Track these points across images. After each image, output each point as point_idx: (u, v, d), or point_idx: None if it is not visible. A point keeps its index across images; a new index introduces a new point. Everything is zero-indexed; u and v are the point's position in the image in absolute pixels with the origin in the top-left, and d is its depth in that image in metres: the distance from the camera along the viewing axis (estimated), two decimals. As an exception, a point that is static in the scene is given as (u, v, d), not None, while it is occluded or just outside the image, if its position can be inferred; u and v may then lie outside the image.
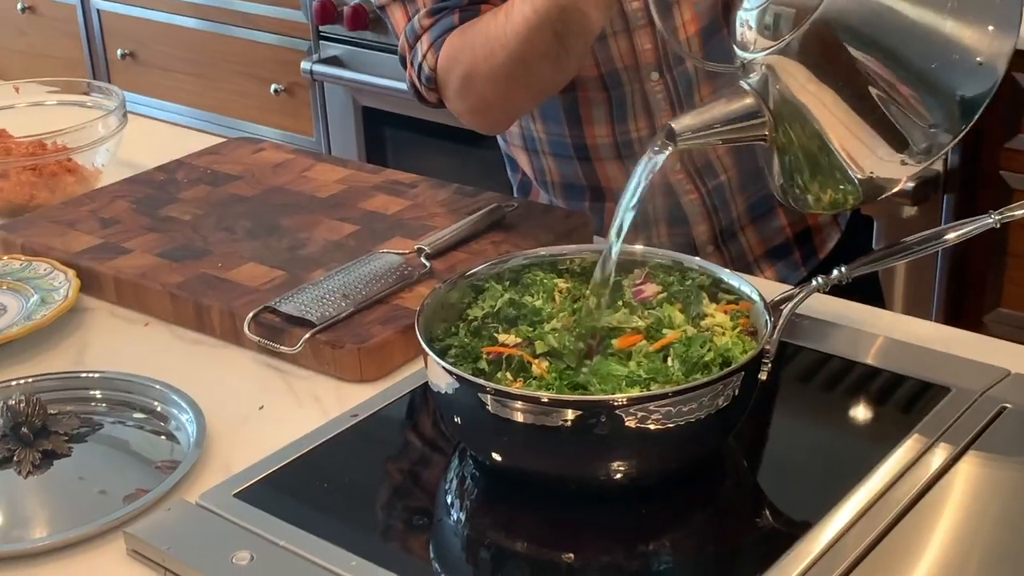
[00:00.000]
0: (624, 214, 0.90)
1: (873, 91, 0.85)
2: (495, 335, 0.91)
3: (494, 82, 1.14)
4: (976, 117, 0.85)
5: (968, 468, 0.87)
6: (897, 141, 0.87)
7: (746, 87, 0.90)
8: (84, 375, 1.02)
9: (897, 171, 0.89)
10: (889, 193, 0.89)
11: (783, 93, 0.88)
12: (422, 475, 0.94)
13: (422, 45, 1.19)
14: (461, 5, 1.18)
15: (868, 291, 1.25)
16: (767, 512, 0.87)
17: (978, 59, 0.84)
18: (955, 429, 0.90)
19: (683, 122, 0.90)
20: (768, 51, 0.87)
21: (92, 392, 1.00)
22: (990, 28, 0.84)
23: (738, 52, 0.92)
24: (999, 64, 0.84)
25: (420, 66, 1.20)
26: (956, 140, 0.86)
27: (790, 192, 0.94)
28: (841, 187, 0.91)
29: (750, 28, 0.90)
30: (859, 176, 0.89)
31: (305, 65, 2.67)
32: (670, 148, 0.90)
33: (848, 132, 0.87)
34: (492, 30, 1.12)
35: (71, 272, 1.16)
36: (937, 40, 0.84)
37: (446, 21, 1.18)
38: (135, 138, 1.50)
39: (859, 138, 0.87)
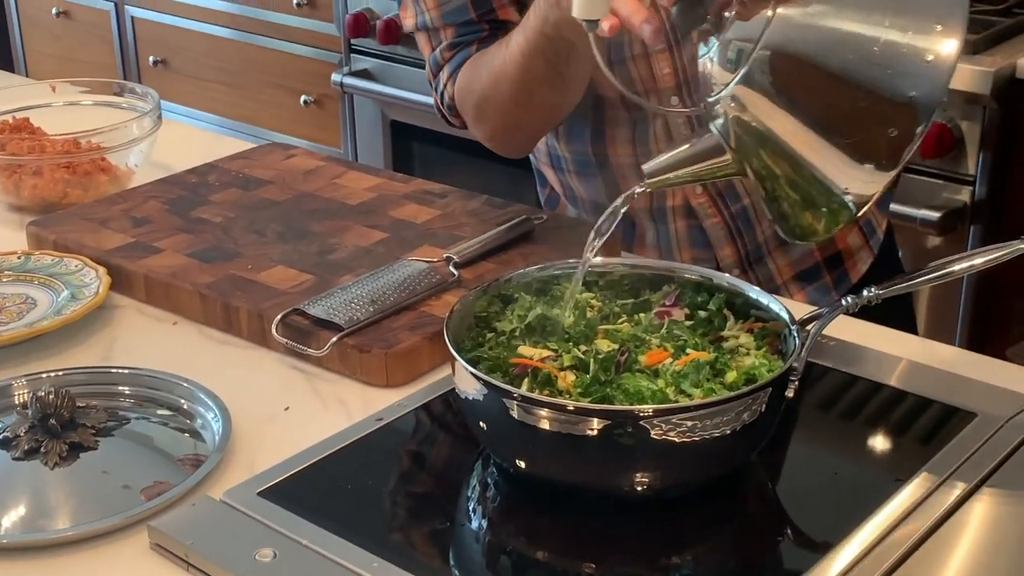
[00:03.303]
0: (593, 242, 0.95)
1: (832, 107, 0.87)
2: (518, 348, 0.92)
3: (503, 109, 1.19)
4: (933, 116, 0.86)
5: (991, 496, 0.87)
6: (863, 152, 0.88)
7: (712, 129, 0.92)
8: (113, 371, 1.03)
9: (870, 180, 0.88)
10: (868, 206, 0.89)
11: (750, 125, 0.89)
12: (445, 480, 0.94)
13: (443, 75, 1.25)
14: (480, 38, 1.22)
15: (900, 315, 1.25)
16: (788, 531, 0.87)
17: (927, 58, 0.85)
18: (979, 455, 0.90)
19: (652, 163, 0.94)
20: (725, 88, 0.89)
21: (120, 387, 1.01)
22: (937, 28, 0.86)
23: (702, 95, 0.94)
24: (948, 60, 0.85)
25: (442, 94, 1.25)
26: (918, 142, 0.86)
27: (784, 224, 0.94)
28: (823, 208, 0.91)
29: (712, 64, 0.92)
30: (837, 192, 0.89)
31: (336, 77, 2.69)
32: (643, 188, 0.95)
33: (817, 150, 0.88)
34: (496, 60, 1.17)
35: (102, 269, 1.17)
36: (882, 48, 0.86)
37: (464, 53, 1.23)
38: (168, 141, 1.51)
39: (828, 155, 0.88)
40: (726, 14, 0.90)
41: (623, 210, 0.96)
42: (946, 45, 0.85)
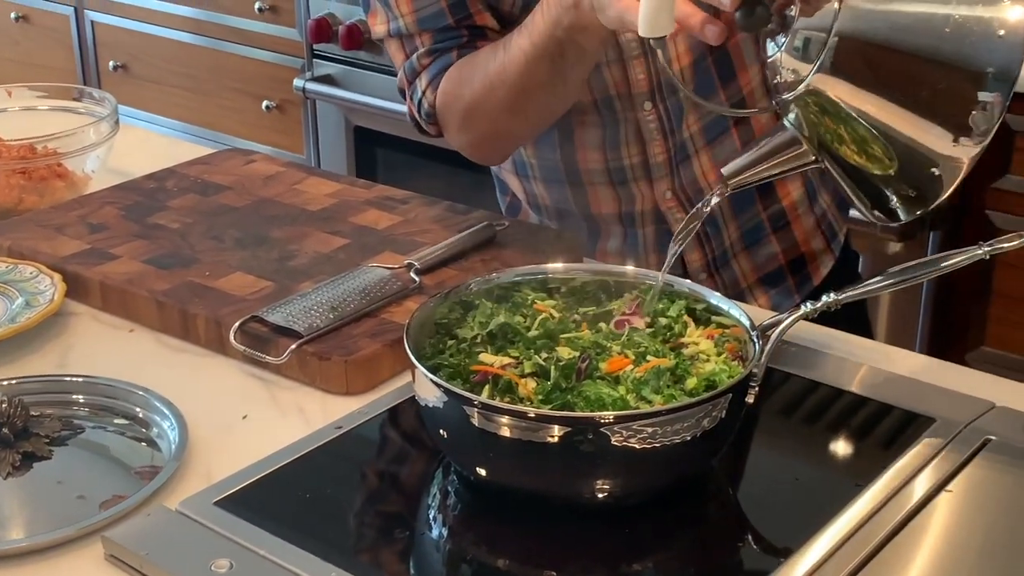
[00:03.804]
0: (672, 255, 0.96)
1: (912, 88, 0.88)
2: (479, 355, 0.91)
3: (495, 115, 1.17)
4: (1013, 88, 0.87)
5: (951, 499, 0.87)
6: (948, 128, 0.88)
7: (786, 124, 0.93)
8: (67, 379, 1.01)
9: (958, 155, 0.89)
10: (959, 180, 0.90)
11: (830, 113, 0.90)
12: (405, 488, 0.93)
13: (421, 82, 1.22)
14: (459, 44, 1.20)
15: (856, 321, 1.26)
16: (749, 537, 0.87)
17: (1000, 32, 0.86)
18: (939, 460, 0.90)
19: (731, 165, 0.96)
20: (802, 84, 0.89)
21: (74, 396, 1.00)
22: (1005, 0, 0.86)
23: (774, 93, 0.94)
24: (1020, 30, 0.86)
25: (420, 102, 1.22)
26: (1001, 115, 0.87)
27: (875, 207, 0.95)
28: (915, 185, 0.92)
29: (781, 54, 0.92)
30: (929, 167, 0.90)
31: (298, 83, 2.68)
32: (726, 191, 0.96)
33: (903, 129, 0.89)
34: (491, 65, 1.15)
35: (57, 276, 1.15)
36: (953, 27, 0.86)
37: (444, 59, 1.21)
38: (126, 146, 1.49)
39: (915, 132, 0.89)
40: (788, 12, 0.90)
41: (704, 216, 0.97)
42: (1016, 16, 0.86)
